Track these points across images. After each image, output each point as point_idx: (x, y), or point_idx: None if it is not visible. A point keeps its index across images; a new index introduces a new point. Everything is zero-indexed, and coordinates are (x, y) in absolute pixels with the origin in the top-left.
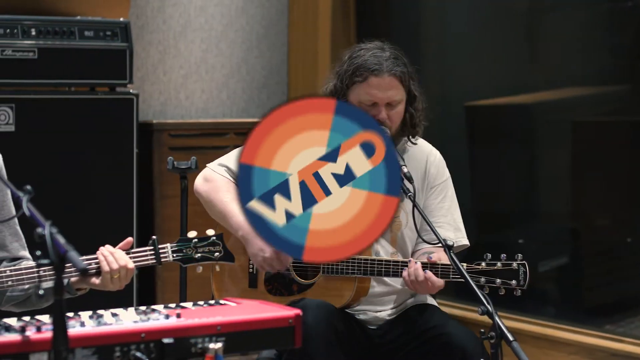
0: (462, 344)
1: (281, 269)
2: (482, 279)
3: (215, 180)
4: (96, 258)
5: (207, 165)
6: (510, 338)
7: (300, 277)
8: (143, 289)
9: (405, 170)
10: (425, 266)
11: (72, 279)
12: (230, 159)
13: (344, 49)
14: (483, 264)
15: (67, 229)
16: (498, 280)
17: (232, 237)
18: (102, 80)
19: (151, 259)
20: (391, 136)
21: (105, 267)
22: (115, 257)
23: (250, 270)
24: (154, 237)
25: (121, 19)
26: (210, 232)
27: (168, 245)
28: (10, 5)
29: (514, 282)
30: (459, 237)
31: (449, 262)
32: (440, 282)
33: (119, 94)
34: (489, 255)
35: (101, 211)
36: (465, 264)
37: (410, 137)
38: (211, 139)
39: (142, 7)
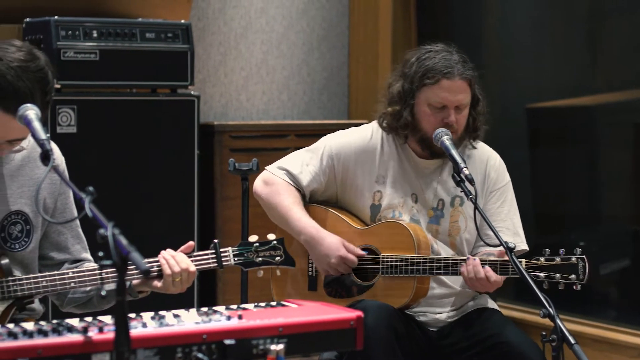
0: (522, 354)
1: (346, 273)
2: (542, 274)
3: (276, 184)
4: (158, 261)
5: (266, 168)
6: (572, 341)
7: (360, 278)
8: (204, 290)
9: (467, 172)
10: (484, 262)
11: (134, 282)
12: (290, 161)
13: (404, 50)
14: (542, 259)
15: (128, 230)
16: (557, 275)
17: (293, 240)
18: (164, 82)
19: (213, 262)
20: (455, 140)
21: (167, 271)
22: (176, 261)
23: (310, 273)
24: (215, 240)
25: (182, 21)
26: (272, 236)
27: (229, 248)
28: (72, 8)
29: (573, 276)
30: (518, 242)
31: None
32: (499, 279)
33: (180, 96)
34: (548, 251)
35: (162, 213)
36: (524, 260)
37: (471, 140)
38: (272, 141)
39: (204, 9)
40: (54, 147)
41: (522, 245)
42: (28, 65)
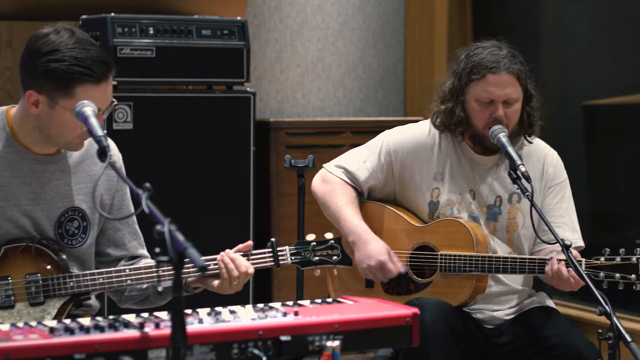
0: (581, 355)
1: (383, 280)
2: (601, 274)
3: (332, 182)
4: (215, 259)
5: (323, 165)
6: (629, 339)
7: (417, 275)
8: (259, 287)
9: (523, 169)
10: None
11: (190, 279)
12: (348, 159)
13: (460, 47)
14: (602, 258)
15: (184, 226)
16: (617, 275)
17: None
18: (220, 79)
19: (270, 261)
20: (509, 135)
21: (225, 275)
22: (236, 264)
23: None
24: (272, 239)
25: (238, 18)
26: (329, 235)
27: (287, 247)
28: (129, 5)
29: (633, 276)
30: (576, 238)
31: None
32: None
33: (236, 93)
34: (608, 250)
35: (218, 209)
36: (584, 260)
37: (527, 136)
38: (327, 138)
39: (259, 5)
40: (111, 143)
41: (579, 241)
42: (82, 39)
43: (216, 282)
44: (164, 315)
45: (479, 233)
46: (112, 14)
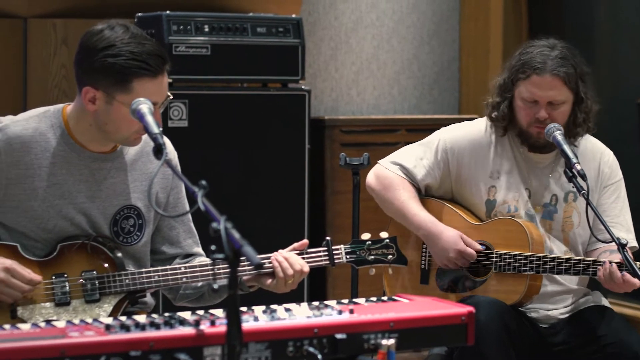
0: (635, 354)
1: (464, 266)
2: None
3: (389, 178)
4: (269, 258)
5: (378, 162)
6: None
7: (472, 274)
8: (314, 285)
9: (579, 167)
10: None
11: (245, 277)
12: (404, 155)
13: (515, 44)
14: None
15: (239, 224)
16: None
17: (404, 234)
18: (274, 77)
19: (325, 260)
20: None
21: (280, 274)
22: (290, 263)
23: (423, 266)
24: (328, 238)
25: (293, 16)
26: (384, 234)
27: (342, 246)
28: (184, 3)
29: None
30: (630, 238)
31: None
32: (636, 280)
33: (291, 90)
34: None
35: (273, 206)
36: (639, 263)
37: (571, 138)
38: (382, 135)
39: (314, 3)
40: (166, 141)
41: (633, 242)
42: (137, 34)
43: (271, 281)
44: (219, 312)
45: (534, 232)
46: (168, 12)
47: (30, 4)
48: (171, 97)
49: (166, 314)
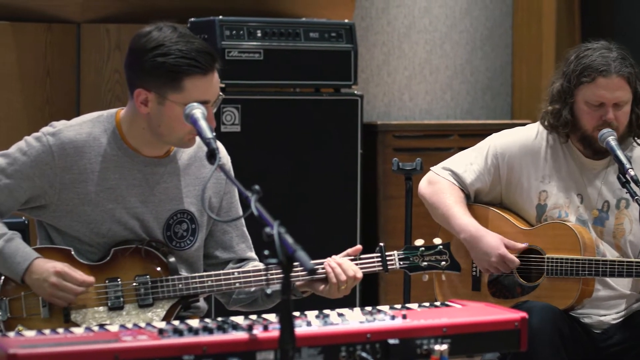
0: None
1: (506, 272)
2: None
3: (439, 183)
4: (322, 263)
5: (431, 168)
6: None
7: (524, 279)
8: (366, 290)
9: (632, 173)
10: None
11: (298, 283)
12: (454, 161)
13: (568, 49)
14: None
15: (291, 229)
16: None
17: (453, 240)
18: (327, 82)
19: (378, 266)
20: (618, 137)
21: (333, 280)
22: (343, 269)
23: (474, 272)
24: (381, 244)
25: (346, 21)
26: (438, 240)
27: (395, 252)
28: (237, 7)
29: None
30: None
31: None
32: None
33: (343, 95)
34: None
35: (325, 211)
36: None
37: (636, 137)
38: (435, 141)
39: (367, 8)
40: (219, 146)
41: None
42: (184, 33)
43: (323, 287)
44: (272, 317)
45: (586, 236)
46: (220, 17)
47: (83, 9)
48: (222, 96)
49: (219, 319)
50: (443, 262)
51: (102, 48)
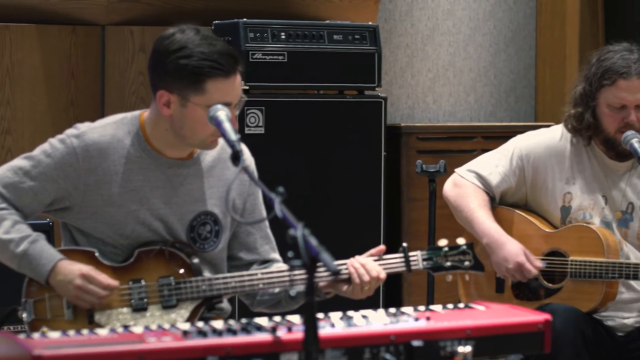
0: None
1: (523, 280)
2: None
3: (464, 186)
4: (345, 264)
5: (455, 170)
6: None
7: (547, 281)
8: (390, 291)
9: None
10: None
11: (321, 284)
12: (479, 163)
13: (592, 51)
14: None
15: (314, 231)
16: None
17: (479, 242)
18: (351, 84)
19: (401, 266)
20: None
21: (356, 280)
22: (367, 269)
23: (498, 275)
24: (404, 244)
25: (370, 23)
26: (461, 240)
27: (418, 252)
28: (261, 10)
29: None
30: None
31: None
32: None
33: (367, 97)
34: None
35: (349, 213)
36: None
37: None
38: (458, 143)
39: (390, 10)
40: (243, 148)
41: None
42: (207, 35)
43: (347, 287)
44: (296, 319)
45: (610, 239)
46: (244, 20)
47: (108, 11)
48: (245, 98)
49: (243, 320)
50: (466, 262)
51: (127, 50)
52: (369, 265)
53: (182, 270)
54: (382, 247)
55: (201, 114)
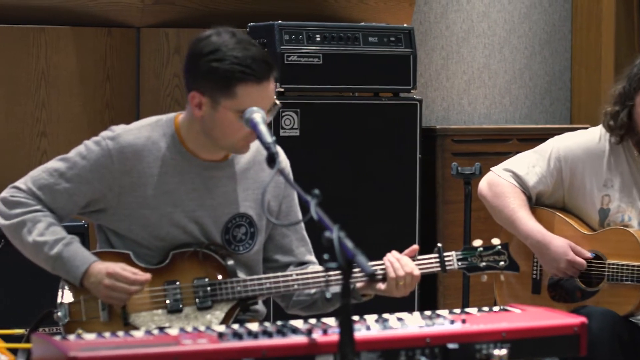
0: None
1: (575, 276)
2: None
3: (501, 186)
4: (382, 264)
5: (491, 169)
6: None
7: (585, 283)
8: (425, 294)
9: None
10: None
11: (358, 285)
12: (516, 163)
13: (628, 53)
14: None
15: (350, 232)
16: None
17: (513, 242)
18: (386, 86)
19: (436, 266)
20: None
21: (392, 274)
22: (401, 264)
23: (534, 276)
24: (439, 244)
25: (405, 25)
26: (496, 241)
27: (453, 253)
28: (296, 12)
29: None
30: None
31: None
32: None
33: (402, 100)
34: None
35: (384, 216)
36: None
37: None
38: (494, 145)
39: (425, 13)
40: (279, 150)
41: None
42: (242, 39)
43: (382, 285)
44: (331, 321)
45: None
46: (280, 22)
47: (143, 14)
48: (280, 106)
49: (279, 322)
50: (502, 262)
51: (162, 52)
52: (404, 261)
53: (216, 272)
54: (415, 246)
55: (232, 118)
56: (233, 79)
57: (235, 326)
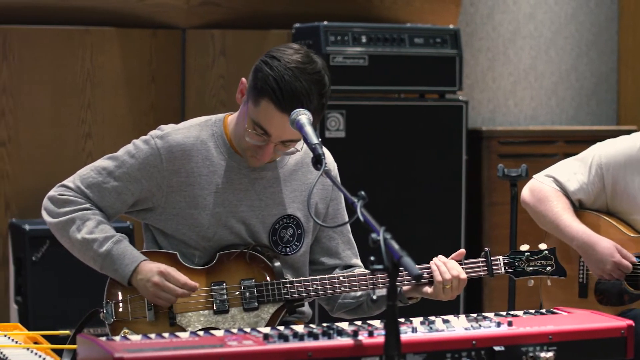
0: None
1: (620, 278)
2: None
3: (543, 191)
4: (429, 267)
5: (533, 176)
6: None
7: (632, 286)
8: (470, 296)
9: None
10: None
11: (404, 288)
12: (557, 169)
13: None
14: None
15: (396, 234)
16: None
17: (559, 245)
18: (432, 87)
19: (483, 270)
20: None
21: (438, 277)
22: (448, 267)
23: (581, 279)
24: (486, 249)
25: (451, 26)
26: (543, 246)
27: (500, 257)
28: (341, 13)
29: None
30: None
31: None
32: None
33: (448, 101)
34: None
35: (430, 217)
36: None
37: None
38: (540, 147)
39: (472, 14)
40: (326, 152)
41: None
42: (305, 67)
43: (429, 289)
44: (377, 323)
45: None
46: (325, 23)
47: (188, 15)
48: (296, 151)
49: (324, 324)
50: (549, 267)
51: (207, 53)
52: (450, 264)
53: (263, 273)
54: (462, 250)
55: (247, 124)
56: (263, 91)
57: (281, 328)
